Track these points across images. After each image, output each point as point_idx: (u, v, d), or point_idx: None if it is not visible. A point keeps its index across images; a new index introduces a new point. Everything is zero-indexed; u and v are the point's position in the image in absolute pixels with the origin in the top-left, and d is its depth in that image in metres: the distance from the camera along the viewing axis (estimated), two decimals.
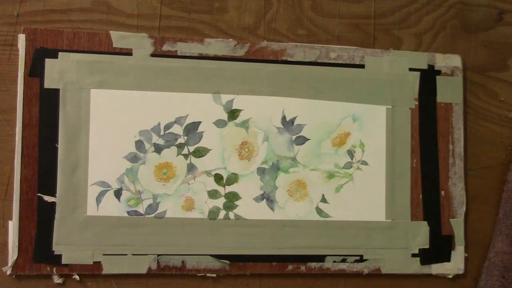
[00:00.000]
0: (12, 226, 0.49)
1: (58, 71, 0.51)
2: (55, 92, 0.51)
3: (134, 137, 0.52)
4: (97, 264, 0.50)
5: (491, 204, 0.58)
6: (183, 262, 0.52)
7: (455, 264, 0.56)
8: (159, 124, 0.52)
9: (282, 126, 0.54)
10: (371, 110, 0.56)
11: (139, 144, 0.52)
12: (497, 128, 0.59)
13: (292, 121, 0.55)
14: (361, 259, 0.55)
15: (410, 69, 0.57)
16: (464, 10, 0.60)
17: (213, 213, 0.53)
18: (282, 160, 0.54)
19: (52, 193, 0.50)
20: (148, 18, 0.54)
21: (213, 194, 0.53)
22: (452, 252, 0.56)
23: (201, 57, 0.54)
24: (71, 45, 0.51)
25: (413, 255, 0.56)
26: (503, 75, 0.60)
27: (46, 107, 0.50)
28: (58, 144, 0.50)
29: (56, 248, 0.50)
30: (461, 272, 0.56)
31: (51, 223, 0.50)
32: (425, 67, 0.57)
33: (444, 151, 0.57)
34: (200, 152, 0.53)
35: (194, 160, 0.53)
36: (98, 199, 0.51)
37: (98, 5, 0.53)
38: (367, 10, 0.58)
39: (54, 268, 0.50)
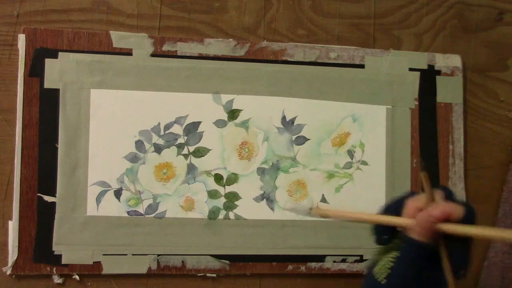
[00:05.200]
0: (12, 226, 0.49)
1: (58, 71, 0.51)
2: (55, 92, 0.51)
3: (134, 137, 0.52)
4: (97, 264, 0.50)
5: (491, 204, 0.58)
6: (183, 262, 0.52)
7: None
8: (159, 124, 0.52)
9: (282, 126, 0.54)
10: (371, 110, 0.56)
11: (139, 144, 0.52)
12: (497, 128, 0.59)
13: (292, 121, 0.54)
14: (361, 259, 0.55)
15: (410, 69, 0.57)
16: (464, 10, 0.60)
17: (213, 213, 0.53)
18: (282, 160, 0.54)
19: (52, 193, 0.50)
20: (148, 18, 0.54)
21: (213, 194, 0.53)
22: None
23: (201, 57, 0.54)
24: (71, 45, 0.51)
25: None
26: (503, 75, 0.60)
27: (46, 107, 0.50)
28: (58, 144, 0.50)
29: (56, 248, 0.50)
30: None
31: (51, 223, 0.50)
32: (425, 67, 0.57)
33: (444, 151, 0.57)
34: (200, 152, 0.53)
35: (194, 160, 0.53)
36: (98, 199, 0.51)
37: (98, 5, 0.53)
38: (367, 10, 0.58)
39: (54, 268, 0.50)
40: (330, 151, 0.55)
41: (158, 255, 0.51)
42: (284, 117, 0.54)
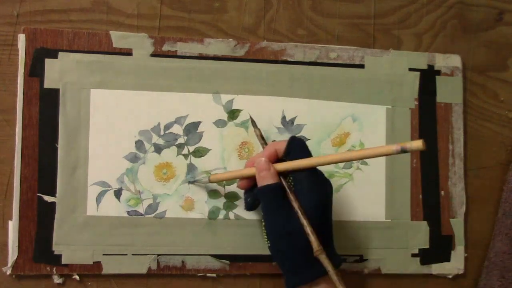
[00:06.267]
0: (12, 226, 0.49)
1: (58, 71, 0.51)
2: (55, 92, 0.51)
3: (134, 137, 0.52)
4: (97, 264, 0.50)
5: (491, 204, 0.58)
6: (183, 262, 0.52)
7: (455, 264, 0.56)
8: (159, 124, 0.52)
9: (282, 126, 0.54)
10: (371, 110, 0.56)
11: (139, 144, 0.52)
12: (497, 128, 0.59)
13: (292, 121, 0.55)
14: (361, 259, 0.55)
15: (410, 69, 0.57)
16: (464, 10, 0.60)
17: (213, 213, 0.53)
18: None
19: (52, 193, 0.50)
20: (148, 18, 0.54)
21: (213, 194, 0.53)
22: (452, 252, 0.56)
23: (201, 57, 0.54)
24: (71, 45, 0.51)
25: (413, 255, 0.56)
26: (503, 75, 0.60)
27: (46, 107, 0.50)
28: (58, 144, 0.50)
29: (56, 248, 0.50)
30: (461, 272, 0.56)
31: (51, 223, 0.50)
32: (425, 67, 0.57)
33: (444, 151, 0.57)
34: (200, 152, 0.53)
35: (194, 160, 0.53)
36: (98, 199, 0.51)
37: (98, 5, 0.53)
38: (367, 10, 0.58)
39: (54, 268, 0.50)
40: (330, 151, 0.55)
41: (158, 255, 0.51)
42: (284, 117, 0.54)
